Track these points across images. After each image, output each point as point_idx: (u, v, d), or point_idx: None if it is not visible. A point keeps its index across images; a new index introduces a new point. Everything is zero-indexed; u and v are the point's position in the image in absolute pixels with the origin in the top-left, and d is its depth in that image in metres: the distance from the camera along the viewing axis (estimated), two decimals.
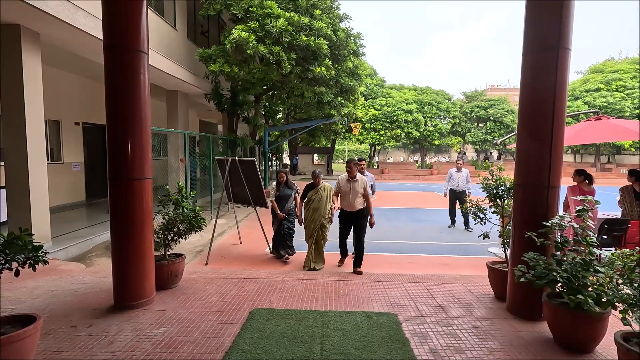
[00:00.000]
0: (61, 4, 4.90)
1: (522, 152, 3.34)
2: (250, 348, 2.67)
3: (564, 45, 3.07)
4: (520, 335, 2.97)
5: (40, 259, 2.18)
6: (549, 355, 2.66)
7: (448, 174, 8.59)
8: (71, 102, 9.46)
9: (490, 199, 4.00)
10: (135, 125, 3.35)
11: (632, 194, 5.35)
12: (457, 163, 8.58)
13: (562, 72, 3.08)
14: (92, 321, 3.12)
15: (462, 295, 3.86)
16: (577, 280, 2.61)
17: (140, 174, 3.39)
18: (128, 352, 2.62)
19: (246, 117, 12.63)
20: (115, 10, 3.26)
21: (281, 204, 5.73)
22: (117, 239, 3.36)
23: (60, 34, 5.60)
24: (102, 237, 6.39)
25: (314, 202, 5.26)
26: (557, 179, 3.19)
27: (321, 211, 5.20)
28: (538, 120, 3.19)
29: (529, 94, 3.25)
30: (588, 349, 2.69)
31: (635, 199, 5.35)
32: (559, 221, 2.89)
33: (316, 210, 5.24)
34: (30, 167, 5.18)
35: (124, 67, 3.30)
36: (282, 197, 5.73)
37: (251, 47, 8.56)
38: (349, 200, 4.84)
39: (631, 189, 5.39)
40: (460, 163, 8.51)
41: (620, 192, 5.52)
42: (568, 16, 3.11)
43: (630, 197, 5.39)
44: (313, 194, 5.30)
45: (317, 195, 5.27)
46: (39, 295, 3.79)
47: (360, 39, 11.86)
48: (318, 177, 5.40)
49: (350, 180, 4.85)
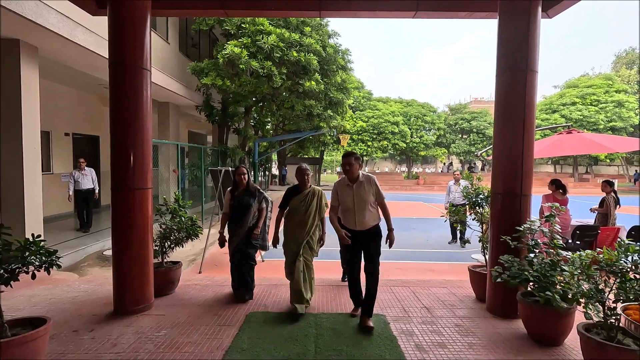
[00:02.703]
0: (62, 20, 5.07)
1: (498, 163, 3.67)
2: (249, 347, 2.84)
3: (531, 68, 3.44)
4: (498, 332, 3.22)
5: (55, 262, 2.33)
6: (523, 349, 2.92)
7: (447, 186, 7.95)
8: (61, 113, 9.49)
9: (470, 207, 4.31)
10: (137, 138, 3.53)
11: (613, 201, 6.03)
12: (454, 174, 7.92)
13: (530, 92, 3.44)
14: (93, 326, 3.23)
15: (446, 297, 4.11)
16: (545, 279, 2.90)
17: (141, 184, 3.56)
18: (132, 353, 2.76)
19: (236, 129, 12.84)
20: (121, 30, 3.48)
21: (235, 219, 3.84)
22: (118, 246, 3.50)
23: (59, 49, 5.76)
24: (94, 247, 6.43)
25: (298, 213, 3.64)
26: (529, 188, 3.52)
27: (308, 227, 3.62)
28: (510, 135, 3.52)
29: (501, 111, 3.59)
30: (558, 342, 2.97)
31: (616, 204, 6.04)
32: (529, 226, 3.20)
33: (300, 227, 3.62)
34: (26, 178, 5.26)
35: (128, 83, 3.50)
36: (237, 207, 3.85)
37: (244, 62, 8.84)
38: (355, 214, 3.32)
39: (612, 197, 6.01)
40: (457, 174, 7.82)
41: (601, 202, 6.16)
42: (534, 42, 3.48)
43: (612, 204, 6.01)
44: (298, 201, 3.67)
45: (303, 204, 3.65)
46: (36, 303, 3.86)
47: (348, 54, 12.34)
48: (305, 173, 3.71)
49: (352, 185, 3.34)
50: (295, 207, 3.70)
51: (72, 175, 7.47)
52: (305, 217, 3.64)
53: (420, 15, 4.38)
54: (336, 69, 11.55)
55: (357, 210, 3.32)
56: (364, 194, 3.32)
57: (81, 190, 7.50)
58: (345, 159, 3.34)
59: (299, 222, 3.65)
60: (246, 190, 3.93)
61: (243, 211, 3.83)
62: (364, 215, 3.32)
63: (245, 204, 3.84)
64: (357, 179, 3.35)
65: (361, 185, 3.34)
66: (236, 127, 12.87)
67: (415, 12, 4.26)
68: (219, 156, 12.00)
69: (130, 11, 3.49)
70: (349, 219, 3.39)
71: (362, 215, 3.32)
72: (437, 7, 4.23)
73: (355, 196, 3.33)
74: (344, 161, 3.34)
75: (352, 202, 3.33)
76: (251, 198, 3.89)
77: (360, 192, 3.33)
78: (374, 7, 4.22)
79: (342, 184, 3.43)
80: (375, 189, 3.37)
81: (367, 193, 3.32)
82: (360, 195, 3.32)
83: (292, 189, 3.80)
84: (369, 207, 3.32)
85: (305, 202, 3.67)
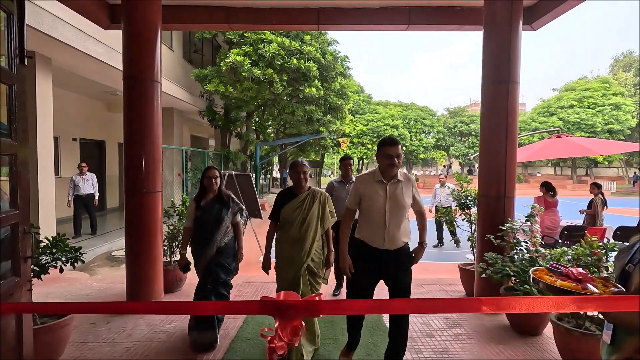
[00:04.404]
0: (75, 33, 5.38)
1: (484, 167, 3.94)
2: (253, 336, 3.11)
3: (513, 79, 3.72)
4: (483, 324, 3.48)
5: (79, 258, 2.61)
6: (505, 339, 3.18)
7: (434, 189, 8.03)
8: (69, 119, 9.79)
9: (459, 208, 4.58)
10: (148, 145, 3.81)
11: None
12: (439, 178, 8.06)
13: (512, 102, 3.72)
14: (109, 319, 3.50)
15: (437, 293, 4.37)
16: (524, 274, 3.16)
17: (153, 187, 3.84)
18: (146, 342, 3.03)
19: (238, 133, 13.15)
20: (134, 46, 3.77)
21: (201, 237, 2.94)
22: (131, 245, 3.77)
23: (70, 59, 6.07)
24: (103, 248, 6.71)
25: (293, 226, 2.65)
26: (512, 190, 3.78)
27: (307, 245, 2.63)
28: (495, 142, 3.79)
29: (486, 119, 3.87)
30: (537, 331, 3.23)
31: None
32: (511, 225, 3.47)
33: (296, 245, 2.64)
34: (40, 182, 5.54)
35: (140, 94, 3.79)
36: (205, 220, 2.94)
37: (246, 70, 9.17)
38: (386, 226, 2.39)
39: (599, 199, 6.25)
40: (442, 177, 7.95)
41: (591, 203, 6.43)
42: (516, 54, 3.76)
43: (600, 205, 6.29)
44: (291, 209, 2.68)
45: (299, 213, 2.66)
46: (53, 299, 4.13)
47: (347, 61, 12.68)
48: (301, 171, 2.67)
49: (385, 184, 2.41)
50: (288, 218, 2.66)
51: (73, 180, 7.25)
52: (301, 231, 2.62)
53: (413, 29, 4.68)
54: (335, 76, 11.88)
55: (390, 221, 2.36)
56: (401, 197, 2.39)
57: (81, 196, 7.25)
58: (392, 148, 2.34)
59: (294, 239, 2.63)
60: (217, 198, 2.99)
61: (212, 226, 2.90)
62: (398, 229, 2.39)
63: (215, 216, 2.91)
64: (395, 177, 2.41)
65: (398, 185, 2.41)
66: (238, 132, 13.19)
67: (407, 26, 4.56)
68: (221, 160, 12.30)
69: (142, 26, 3.78)
70: (373, 233, 2.40)
71: (396, 228, 2.38)
72: (428, 21, 4.53)
73: (390, 200, 2.37)
74: (392, 151, 2.33)
75: (384, 209, 2.37)
76: (223, 208, 2.96)
77: (397, 195, 2.39)
78: (368, 21, 4.52)
79: (369, 180, 2.44)
80: (415, 192, 2.50)
81: (405, 197, 2.41)
82: (397, 199, 2.39)
83: (284, 193, 2.78)
84: (404, 215, 2.44)
85: (302, 211, 2.65)
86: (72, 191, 7.23)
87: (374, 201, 2.40)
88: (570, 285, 0.97)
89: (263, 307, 0.59)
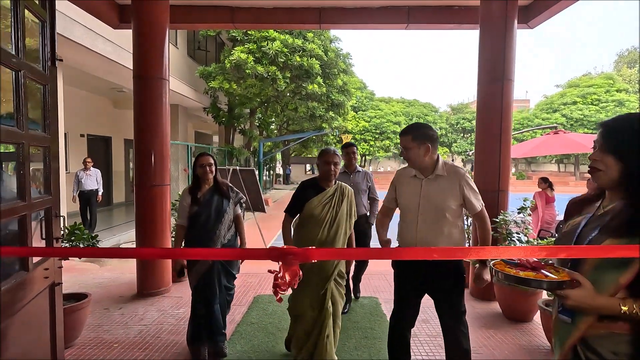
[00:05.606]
0: (85, 32, 5.56)
1: (479, 163, 4.09)
2: (257, 321, 3.30)
3: (507, 77, 3.85)
4: (477, 311, 3.65)
5: (96, 245, 2.79)
6: (497, 325, 3.35)
7: None
8: (77, 115, 10.00)
9: None
10: (157, 141, 3.99)
11: None
12: None
13: (506, 99, 3.85)
14: (121, 305, 3.71)
15: None
16: None
17: (161, 181, 4.02)
18: (157, 325, 3.23)
19: (242, 129, 13.33)
20: (143, 45, 3.93)
21: (200, 236, 2.58)
22: (141, 235, 3.97)
23: (79, 57, 6.24)
24: (111, 241, 6.93)
25: (323, 224, 2.29)
26: (506, 185, 3.93)
27: None
28: (489, 138, 3.94)
29: (482, 116, 4.01)
30: (527, 318, 3.39)
31: None
32: (504, 217, 3.62)
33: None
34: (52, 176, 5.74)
35: (149, 92, 3.95)
36: (203, 216, 2.57)
37: (250, 67, 9.32)
38: (417, 228, 2.02)
39: None
40: None
41: None
42: (511, 52, 3.89)
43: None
44: (319, 205, 2.30)
45: (328, 210, 2.31)
46: (66, 288, 4.28)
47: (349, 58, 12.78)
48: (332, 162, 2.29)
49: (421, 179, 2.04)
50: (315, 215, 2.27)
51: (77, 175, 7.31)
52: (331, 232, 2.26)
53: (412, 27, 4.81)
54: (337, 72, 12.00)
55: (420, 227, 1.98)
56: (438, 197, 1.97)
57: (84, 191, 7.32)
58: (401, 139, 2.04)
59: (321, 242, 2.24)
60: (215, 188, 2.63)
61: (214, 221, 2.55)
62: (435, 237, 1.97)
63: (216, 210, 2.57)
64: (433, 171, 2.00)
65: (437, 181, 1.99)
66: (242, 128, 13.37)
67: (406, 25, 4.69)
68: (225, 156, 12.50)
69: (151, 26, 3.94)
70: (404, 238, 2.08)
71: (432, 236, 1.98)
72: (427, 20, 4.66)
73: (423, 199, 1.98)
74: (401, 142, 2.03)
75: (416, 210, 2.00)
76: (224, 199, 2.61)
77: (432, 194, 1.98)
78: (369, 20, 4.66)
79: (406, 174, 2.11)
80: (464, 190, 1.97)
81: (445, 195, 1.96)
82: (430, 198, 1.98)
83: (307, 185, 2.39)
84: (444, 220, 1.97)
85: (332, 208, 2.27)
86: (77, 186, 7.33)
87: (406, 200, 2.06)
88: (531, 275, 1.04)
89: (271, 253, 0.75)
